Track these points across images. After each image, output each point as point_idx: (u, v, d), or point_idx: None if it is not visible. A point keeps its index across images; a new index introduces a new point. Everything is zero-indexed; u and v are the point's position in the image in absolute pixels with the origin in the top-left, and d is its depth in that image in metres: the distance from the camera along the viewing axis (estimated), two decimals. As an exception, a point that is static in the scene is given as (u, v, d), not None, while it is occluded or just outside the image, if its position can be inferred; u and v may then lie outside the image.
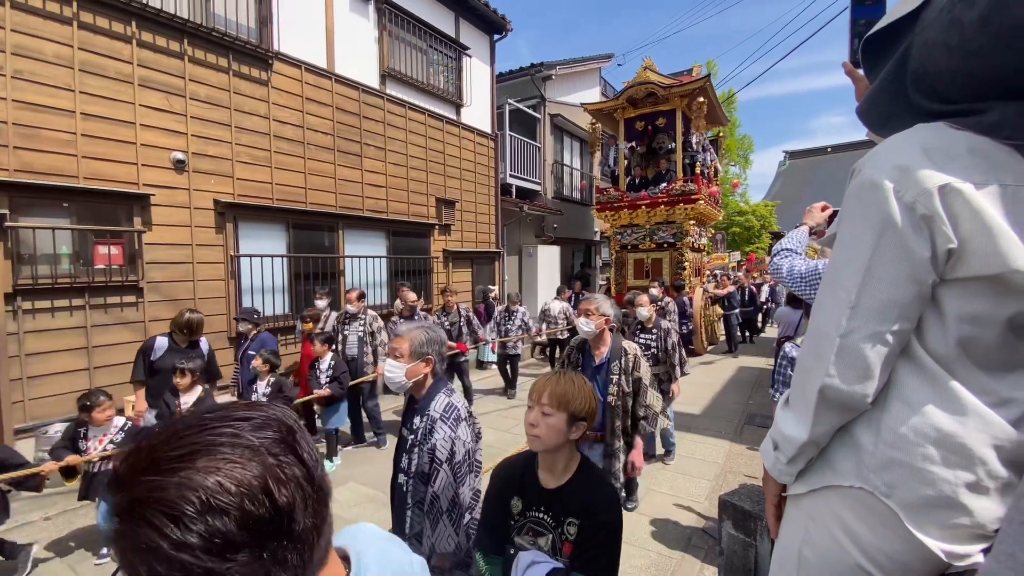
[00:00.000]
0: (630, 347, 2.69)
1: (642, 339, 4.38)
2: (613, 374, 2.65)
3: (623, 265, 10.43)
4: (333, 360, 4.77)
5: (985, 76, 0.73)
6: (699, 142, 9.89)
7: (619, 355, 2.67)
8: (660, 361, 4.34)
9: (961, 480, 0.73)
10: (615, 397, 2.62)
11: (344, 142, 6.86)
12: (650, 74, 9.89)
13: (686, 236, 9.52)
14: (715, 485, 4.18)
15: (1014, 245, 0.69)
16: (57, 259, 4.33)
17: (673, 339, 4.31)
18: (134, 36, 4.77)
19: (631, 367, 2.67)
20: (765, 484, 1.03)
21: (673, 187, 9.50)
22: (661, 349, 4.33)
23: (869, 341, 0.77)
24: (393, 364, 1.71)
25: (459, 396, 1.75)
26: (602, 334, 2.70)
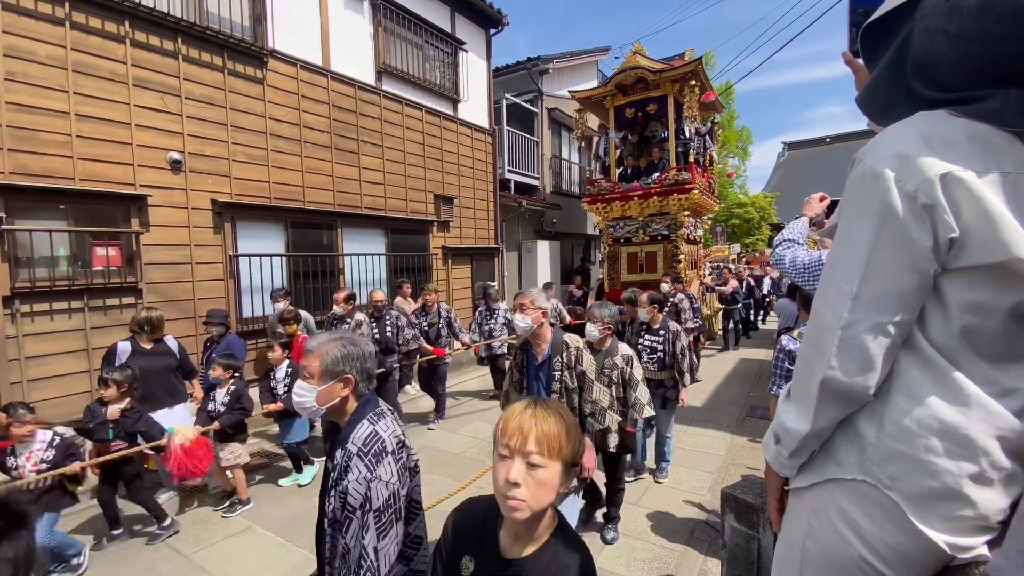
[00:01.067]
0: (572, 340, 2.55)
1: (647, 341, 4.08)
2: (555, 370, 2.51)
3: (616, 259, 9.95)
4: (290, 368, 4.30)
5: (985, 62, 0.72)
6: (692, 128, 9.46)
7: (560, 349, 2.54)
8: (667, 366, 4.02)
9: (964, 471, 0.72)
10: (558, 395, 2.50)
11: (341, 140, 6.83)
12: (640, 59, 9.34)
13: (681, 228, 9.11)
14: (717, 477, 4.19)
15: (1016, 233, 0.68)
16: (55, 261, 4.32)
17: (683, 342, 3.98)
18: (127, 36, 4.74)
19: (573, 360, 2.53)
20: (767, 477, 1.03)
21: (666, 177, 9.08)
22: (668, 353, 4.00)
23: (871, 333, 0.76)
24: (302, 387, 1.42)
25: (389, 421, 1.45)
26: (541, 329, 2.56)
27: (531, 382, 2.57)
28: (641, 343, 4.10)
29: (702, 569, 3.00)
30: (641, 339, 4.13)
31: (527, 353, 2.64)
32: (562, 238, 12.83)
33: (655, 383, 3.96)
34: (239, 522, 3.69)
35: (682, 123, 9.32)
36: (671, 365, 4.02)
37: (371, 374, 1.51)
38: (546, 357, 2.55)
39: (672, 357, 3.99)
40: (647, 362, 4.01)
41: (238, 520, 3.72)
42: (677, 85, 9.08)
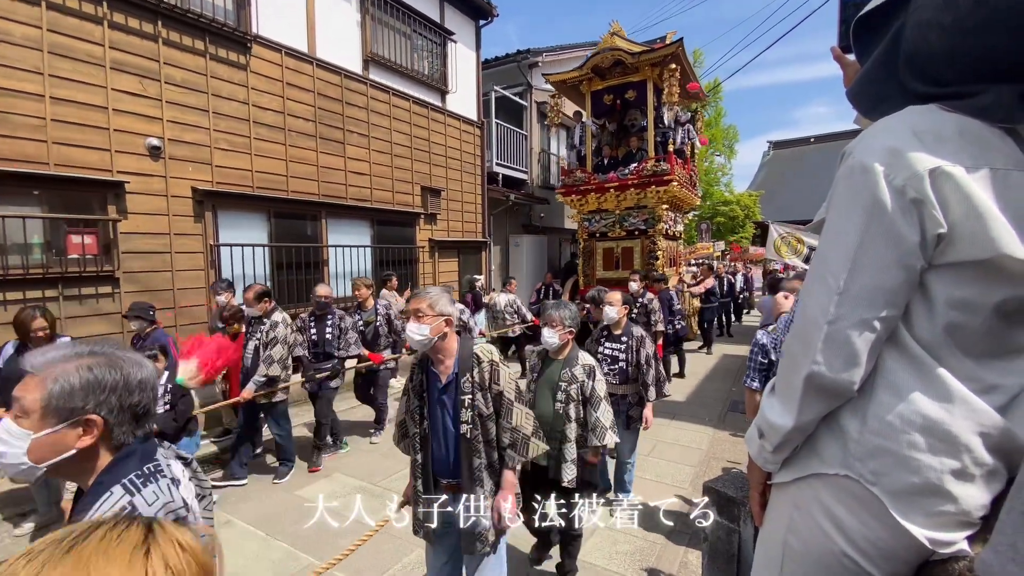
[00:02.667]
0: (484, 352, 2.01)
1: (607, 349, 3.50)
2: (464, 393, 1.95)
3: (591, 255, 9.42)
4: (170, 382, 3.51)
5: (979, 58, 0.72)
6: (673, 115, 8.90)
7: (470, 365, 1.97)
8: (631, 378, 3.42)
9: (947, 467, 0.73)
10: (470, 425, 1.93)
11: (326, 128, 6.72)
12: (617, 40, 8.63)
13: (659, 222, 8.58)
14: (699, 471, 4.24)
15: (1004, 229, 0.68)
16: (29, 249, 4.19)
17: (648, 350, 3.40)
18: (105, 17, 4.59)
19: (488, 379, 1.98)
20: (750, 472, 1.03)
21: (644, 167, 8.49)
22: (632, 363, 3.41)
23: (857, 328, 0.76)
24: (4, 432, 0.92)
25: (165, 485, 0.99)
26: (444, 341, 1.98)
27: (433, 409, 2.01)
28: (601, 352, 3.50)
29: (683, 561, 3.04)
30: (601, 347, 3.54)
31: (426, 372, 2.04)
32: (550, 233, 12.83)
33: (617, 398, 3.37)
34: (219, 515, 3.63)
35: (661, 110, 8.82)
36: (635, 377, 3.43)
37: (142, 410, 1.01)
38: (452, 377, 1.98)
39: (636, 368, 3.41)
40: (607, 374, 3.38)
41: (218, 513, 3.66)
42: (657, 70, 8.47)
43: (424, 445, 2.03)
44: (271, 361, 4.00)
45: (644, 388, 3.38)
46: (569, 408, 2.58)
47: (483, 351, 2.03)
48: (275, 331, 4.10)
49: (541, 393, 2.68)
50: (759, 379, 2.88)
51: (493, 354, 2.04)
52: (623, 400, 3.44)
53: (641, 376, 3.39)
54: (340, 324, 4.68)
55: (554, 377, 2.65)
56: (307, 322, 4.63)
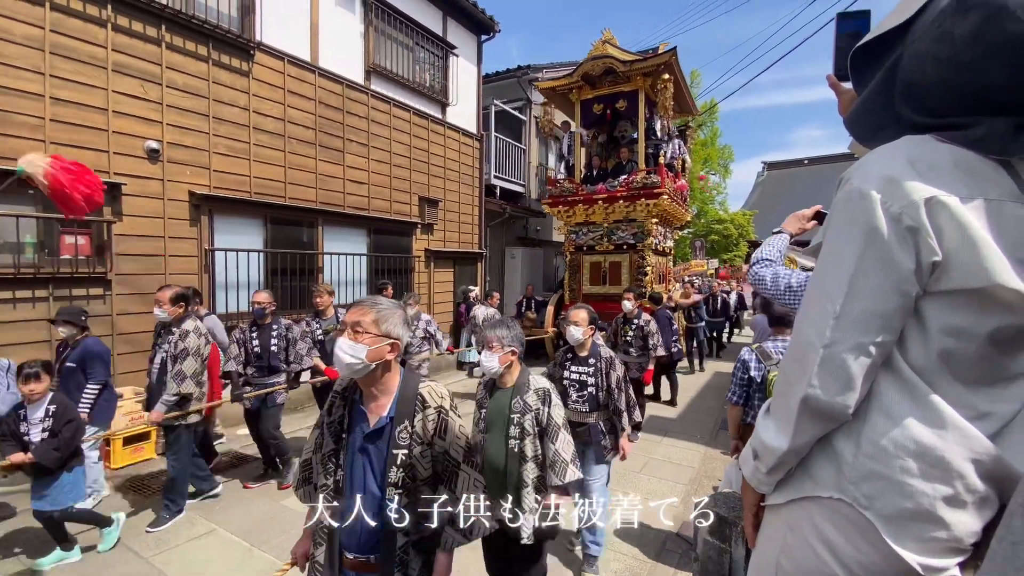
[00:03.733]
0: (434, 394, 1.54)
1: (573, 373, 3.08)
2: (399, 445, 1.46)
3: (578, 269, 9.07)
4: (54, 404, 3.00)
5: (974, 91, 0.74)
6: (664, 128, 8.61)
7: (412, 408, 1.49)
8: (602, 404, 3.03)
9: (939, 493, 0.73)
10: (398, 489, 1.45)
11: (326, 137, 6.75)
12: (609, 48, 8.30)
13: (648, 237, 8.28)
14: (690, 489, 4.23)
15: (997, 259, 0.70)
16: (21, 248, 4.15)
17: (618, 372, 3.01)
18: (109, 20, 4.61)
19: (432, 431, 1.49)
20: (744, 493, 1.03)
21: (633, 179, 8.17)
22: (602, 387, 3.00)
23: (852, 352, 0.77)
24: None
25: None
26: (384, 372, 1.51)
27: (352, 458, 1.51)
28: (567, 377, 3.11)
29: (673, 581, 3.01)
30: (566, 371, 3.12)
31: (350, 408, 1.55)
32: (545, 246, 12.88)
33: (588, 427, 3.03)
34: (202, 524, 3.57)
35: (653, 122, 8.51)
36: (606, 403, 3.04)
37: None
38: (384, 421, 1.49)
39: (607, 393, 3.02)
40: (576, 401, 3.05)
41: (201, 523, 3.60)
42: (649, 80, 8.21)
43: (338, 502, 1.50)
44: (182, 377, 3.47)
45: (616, 415, 3.02)
46: (524, 444, 2.14)
47: (432, 393, 1.53)
48: (185, 341, 3.51)
49: (492, 431, 2.23)
50: (740, 394, 2.90)
51: (444, 399, 1.55)
52: (595, 429, 3.03)
53: (612, 402, 3.01)
54: (287, 335, 4.24)
55: (503, 409, 2.20)
56: (247, 333, 4.17)
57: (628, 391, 3.08)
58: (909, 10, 0.81)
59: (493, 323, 2.28)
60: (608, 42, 8.46)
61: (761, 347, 2.86)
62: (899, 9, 0.84)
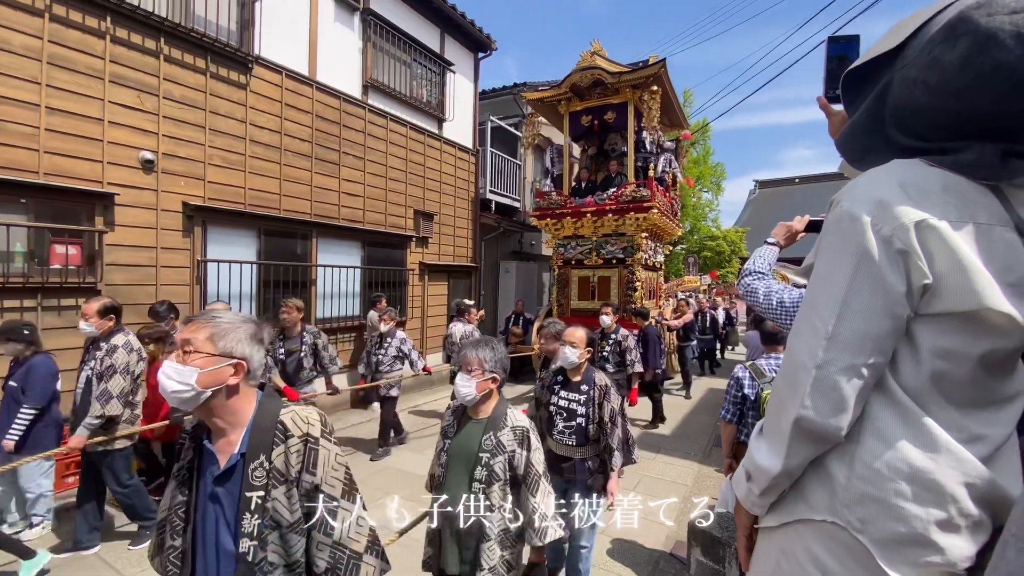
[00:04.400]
0: (299, 422, 1.25)
1: (563, 400, 2.75)
2: (253, 486, 1.19)
3: (566, 283, 8.84)
4: None
5: (962, 116, 0.75)
6: (654, 141, 8.47)
7: (268, 442, 1.22)
8: (591, 439, 2.70)
9: (933, 517, 0.73)
10: (254, 542, 1.18)
11: (322, 150, 6.77)
12: (598, 59, 8.14)
13: (638, 251, 8.12)
14: (684, 507, 4.19)
15: (987, 283, 0.70)
16: (10, 257, 4.11)
17: (614, 403, 2.67)
18: (108, 32, 4.63)
19: (297, 466, 1.22)
20: (737, 514, 1.02)
21: (622, 192, 8.03)
22: (593, 419, 2.67)
23: (845, 374, 0.77)
24: None
25: None
26: (228, 399, 1.23)
27: (204, 509, 1.23)
28: (555, 403, 2.78)
29: (666, 602, 2.97)
30: (555, 396, 2.80)
31: (199, 449, 1.27)
32: (540, 260, 12.92)
33: (573, 463, 2.69)
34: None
35: (643, 134, 8.38)
36: (596, 437, 2.69)
37: None
38: (235, 459, 1.21)
39: (598, 426, 2.67)
40: (562, 432, 2.72)
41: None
42: (638, 92, 8.07)
43: (185, 567, 1.23)
44: (108, 397, 3.13)
45: (608, 453, 2.64)
46: (492, 492, 1.78)
47: (296, 420, 1.25)
48: (112, 357, 3.17)
49: (453, 469, 1.88)
50: (733, 411, 2.90)
51: (313, 425, 1.26)
52: (581, 466, 2.67)
53: (604, 436, 2.65)
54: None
55: (472, 445, 1.86)
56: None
57: (625, 426, 2.75)
58: (899, 36, 0.83)
59: (476, 342, 1.96)
60: (597, 53, 8.31)
61: (755, 365, 2.86)
62: (890, 34, 0.86)
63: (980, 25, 0.70)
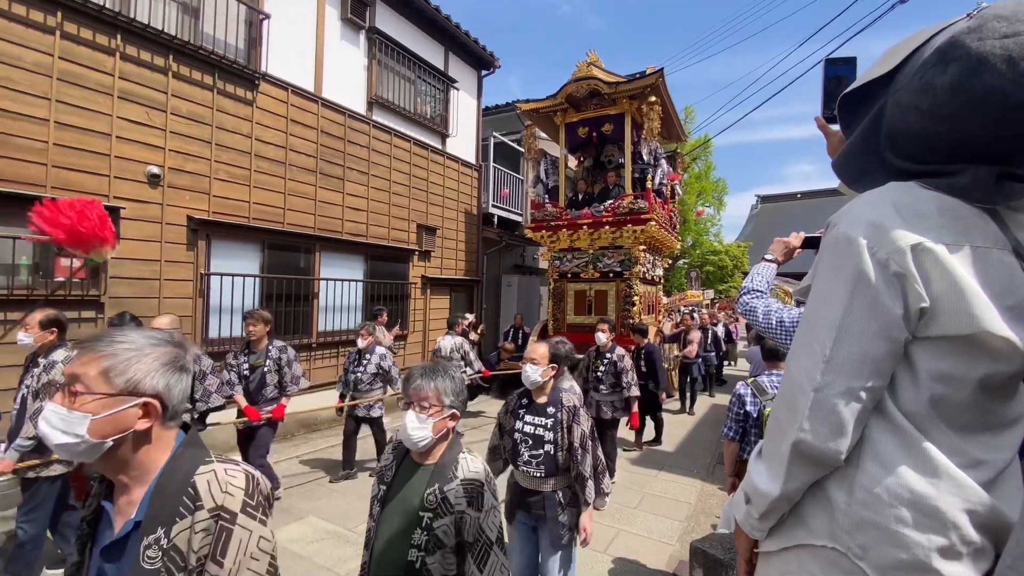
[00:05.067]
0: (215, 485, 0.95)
1: (528, 425, 2.43)
2: (145, 570, 0.88)
3: (562, 297, 8.60)
4: None
5: (955, 140, 0.75)
6: (651, 152, 8.31)
7: (172, 511, 0.92)
8: (560, 468, 2.36)
9: (934, 544, 0.72)
10: None
11: (327, 165, 6.84)
12: (594, 69, 7.99)
13: (636, 264, 7.89)
14: (687, 526, 4.13)
15: (984, 306, 0.70)
16: (15, 269, 4.14)
17: (583, 427, 2.37)
18: (118, 49, 4.72)
19: (204, 548, 0.91)
20: (737, 538, 1.01)
21: (619, 204, 7.84)
22: (562, 446, 2.35)
23: (843, 397, 0.76)
24: None
25: None
26: (139, 444, 0.95)
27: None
28: (519, 429, 2.45)
29: (668, 625, 2.91)
30: (519, 421, 2.46)
31: (96, 516, 1.01)
32: (541, 274, 12.93)
33: (541, 498, 2.37)
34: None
35: (640, 145, 8.19)
36: (566, 466, 2.36)
37: None
38: (127, 530, 0.93)
39: (568, 452, 2.35)
40: (528, 462, 2.38)
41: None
42: (636, 103, 7.93)
43: None
44: None
45: (580, 483, 2.32)
46: (431, 561, 1.41)
47: (213, 485, 0.94)
48: (50, 374, 2.82)
49: (387, 524, 1.49)
50: (735, 429, 2.87)
51: (231, 494, 0.95)
52: (551, 500, 2.35)
53: (575, 465, 2.33)
54: (194, 368, 3.58)
55: (412, 499, 1.47)
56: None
57: (596, 452, 2.41)
58: (893, 60, 0.84)
59: (432, 369, 1.55)
60: (593, 64, 8.12)
61: (756, 381, 2.84)
62: (884, 59, 0.87)
63: (971, 50, 0.71)
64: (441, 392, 1.50)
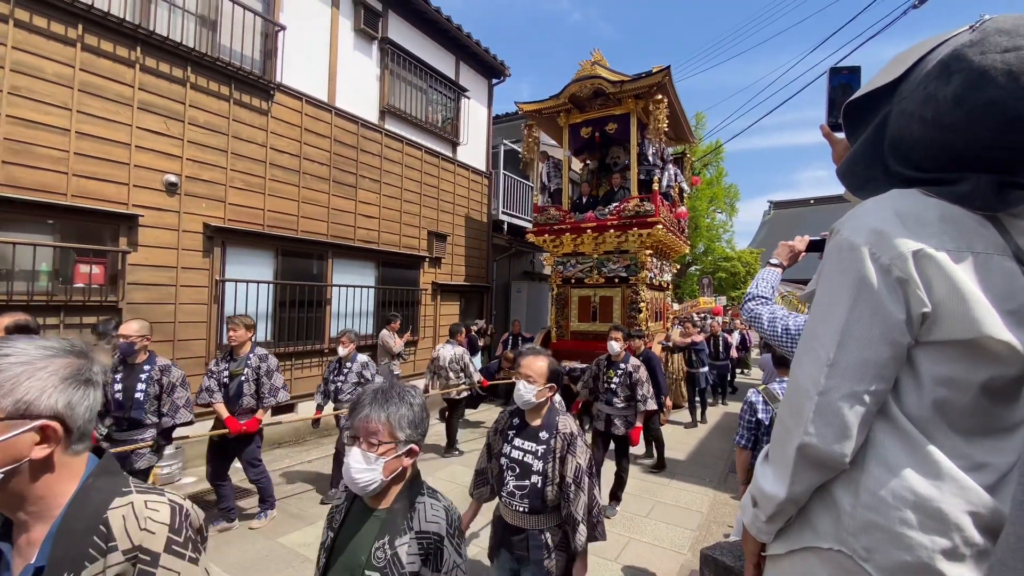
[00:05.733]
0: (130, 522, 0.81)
1: (515, 451, 2.07)
2: None
3: (566, 303, 8.28)
4: None
5: (958, 149, 0.76)
6: (657, 153, 7.96)
7: (81, 553, 0.77)
8: (548, 505, 1.97)
9: (938, 546, 0.72)
10: None
11: (340, 173, 6.94)
12: (598, 69, 7.68)
13: (642, 270, 7.55)
14: (698, 535, 4.08)
15: (986, 311, 0.71)
16: (36, 276, 4.25)
17: (580, 459, 1.97)
18: (138, 61, 4.85)
19: None
20: (745, 542, 1.01)
21: (624, 207, 7.53)
22: (552, 478, 1.97)
23: (847, 400, 0.77)
24: None
25: None
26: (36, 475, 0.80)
27: None
28: (506, 454, 2.10)
29: (679, 635, 2.87)
30: (508, 444, 2.11)
31: None
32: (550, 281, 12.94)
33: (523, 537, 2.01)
34: (196, 561, 3.47)
35: (646, 147, 7.83)
36: (556, 503, 1.98)
37: None
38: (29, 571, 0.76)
39: (559, 487, 1.97)
40: (512, 494, 2.02)
41: (195, 559, 3.50)
42: (642, 102, 7.62)
43: None
44: None
45: (571, 526, 1.93)
46: None
47: (130, 520, 0.82)
48: None
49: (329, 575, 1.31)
50: (747, 437, 2.83)
51: (153, 531, 0.83)
52: (536, 540, 1.98)
53: (565, 503, 1.93)
54: (162, 379, 3.40)
55: (359, 552, 1.25)
56: (110, 375, 3.32)
57: (593, 491, 1.99)
58: (897, 70, 0.85)
59: (384, 395, 1.29)
60: (598, 63, 7.81)
61: (768, 389, 2.82)
62: (888, 68, 0.88)
63: (973, 63, 0.72)
64: (394, 425, 1.25)
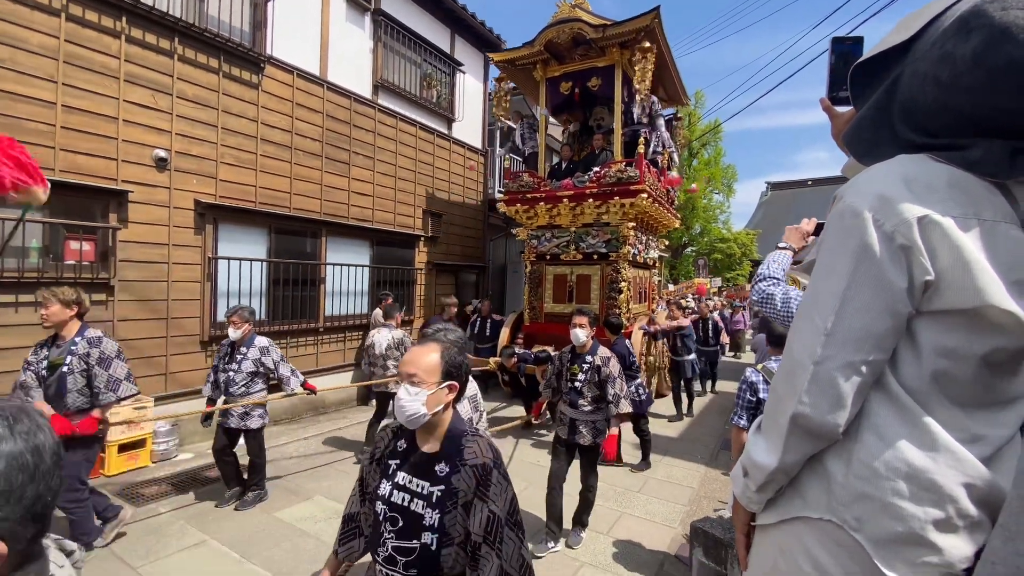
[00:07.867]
0: None
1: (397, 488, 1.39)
2: None
3: (540, 282, 7.31)
4: None
5: (971, 113, 0.73)
6: (644, 111, 6.91)
7: None
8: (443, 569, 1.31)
9: (930, 517, 0.72)
10: None
11: (333, 149, 6.83)
12: (578, 11, 6.58)
13: (624, 245, 6.58)
14: (689, 510, 4.16)
15: (990, 280, 0.69)
16: (26, 252, 4.19)
17: (494, 506, 1.30)
18: (123, 32, 4.71)
19: None
20: (735, 512, 1.01)
21: (606, 173, 6.46)
22: (455, 538, 1.30)
23: (843, 370, 0.76)
24: None
25: None
26: None
27: None
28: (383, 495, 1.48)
29: (669, 605, 2.95)
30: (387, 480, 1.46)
31: None
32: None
33: None
34: (193, 535, 3.53)
35: (632, 104, 6.72)
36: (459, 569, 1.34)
37: None
38: None
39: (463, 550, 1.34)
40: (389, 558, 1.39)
41: (192, 533, 3.56)
42: (628, 52, 6.53)
43: None
44: None
45: None
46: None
47: None
48: None
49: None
50: (747, 417, 2.84)
51: None
52: None
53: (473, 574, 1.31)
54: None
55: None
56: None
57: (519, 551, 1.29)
58: (911, 28, 0.81)
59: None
60: (578, 6, 6.71)
61: (767, 367, 2.83)
62: (901, 27, 0.84)
63: (994, 19, 0.69)
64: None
